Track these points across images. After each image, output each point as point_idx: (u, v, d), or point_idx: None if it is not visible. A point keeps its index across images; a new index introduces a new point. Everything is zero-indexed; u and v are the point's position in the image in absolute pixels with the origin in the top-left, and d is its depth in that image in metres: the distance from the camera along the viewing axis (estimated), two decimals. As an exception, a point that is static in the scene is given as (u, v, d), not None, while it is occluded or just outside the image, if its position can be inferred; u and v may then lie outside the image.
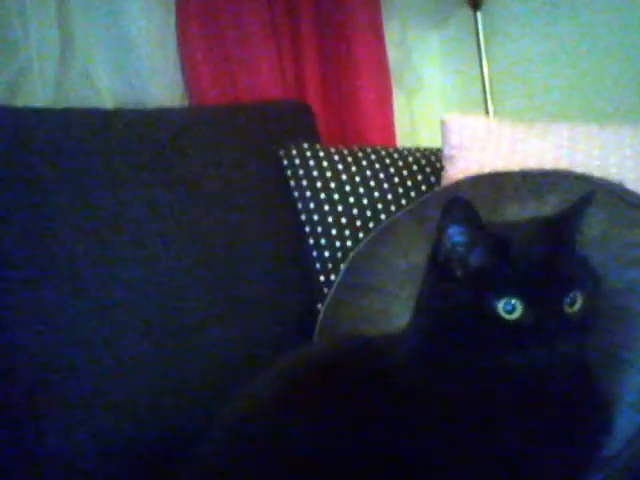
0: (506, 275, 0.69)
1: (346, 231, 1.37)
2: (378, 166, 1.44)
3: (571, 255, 0.73)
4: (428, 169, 1.48)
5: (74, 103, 1.30)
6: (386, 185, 1.42)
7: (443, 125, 1.40)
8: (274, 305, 1.30)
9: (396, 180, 1.43)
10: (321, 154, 1.43)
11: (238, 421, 0.80)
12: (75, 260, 1.06)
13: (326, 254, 1.37)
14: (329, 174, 1.41)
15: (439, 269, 0.74)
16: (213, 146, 1.33)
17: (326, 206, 1.38)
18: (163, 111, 1.38)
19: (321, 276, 1.36)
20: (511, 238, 0.72)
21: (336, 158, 1.43)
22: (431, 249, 0.75)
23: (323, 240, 1.37)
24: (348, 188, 1.40)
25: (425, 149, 1.56)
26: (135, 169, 1.18)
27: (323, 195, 1.39)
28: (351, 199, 1.39)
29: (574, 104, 1.75)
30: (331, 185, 1.40)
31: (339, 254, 1.36)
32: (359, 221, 1.38)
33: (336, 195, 1.39)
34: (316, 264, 1.37)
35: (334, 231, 1.37)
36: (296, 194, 1.40)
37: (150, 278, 1.14)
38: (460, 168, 1.35)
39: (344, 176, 1.41)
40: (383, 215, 1.39)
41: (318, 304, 1.32)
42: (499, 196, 1.15)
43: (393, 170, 1.45)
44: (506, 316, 0.68)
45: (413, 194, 1.43)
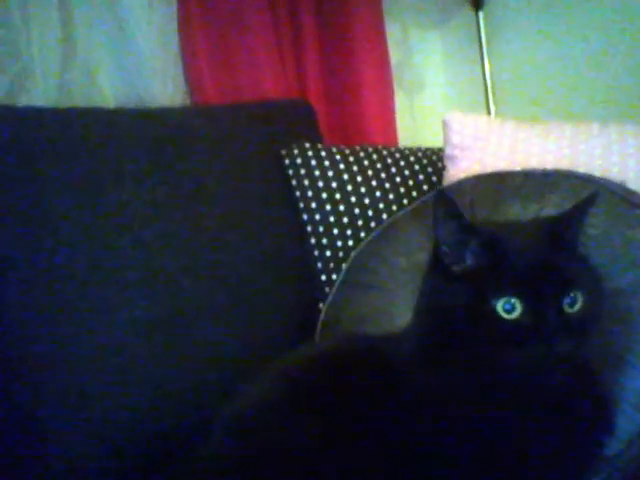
0: (506, 274, 0.69)
1: (348, 230, 1.37)
2: (380, 166, 1.44)
3: (572, 255, 0.73)
4: (430, 169, 1.48)
5: (76, 102, 1.30)
6: (388, 185, 1.42)
7: (445, 125, 1.40)
8: (275, 304, 1.30)
9: (398, 180, 1.43)
10: (323, 153, 1.43)
11: (240, 421, 0.80)
12: (75, 260, 1.06)
13: (328, 253, 1.37)
14: (331, 173, 1.41)
15: (439, 268, 0.73)
16: (215, 146, 1.33)
17: (328, 205, 1.38)
18: (165, 110, 1.38)
19: (323, 275, 1.36)
20: (511, 237, 0.72)
21: (338, 157, 1.43)
22: (432, 248, 0.75)
23: (325, 239, 1.37)
24: (350, 187, 1.40)
25: (427, 149, 1.56)
26: (137, 168, 1.18)
27: (325, 194, 1.39)
28: (353, 198, 1.39)
29: (576, 103, 1.74)
30: (333, 184, 1.40)
31: (341, 253, 1.36)
32: (361, 220, 1.38)
33: (338, 194, 1.39)
34: (318, 263, 1.37)
35: (336, 230, 1.37)
36: (298, 193, 1.40)
37: (151, 278, 1.14)
38: (462, 168, 1.35)
39: (346, 175, 1.41)
40: (385, 215, 1.39)
41: (320, 303, 1.32)
42: (501, 196, 1.15)
43: (395, 170, 1.45)
44: (505, 315, 0.68)
45: (415, 194, 1.43)
